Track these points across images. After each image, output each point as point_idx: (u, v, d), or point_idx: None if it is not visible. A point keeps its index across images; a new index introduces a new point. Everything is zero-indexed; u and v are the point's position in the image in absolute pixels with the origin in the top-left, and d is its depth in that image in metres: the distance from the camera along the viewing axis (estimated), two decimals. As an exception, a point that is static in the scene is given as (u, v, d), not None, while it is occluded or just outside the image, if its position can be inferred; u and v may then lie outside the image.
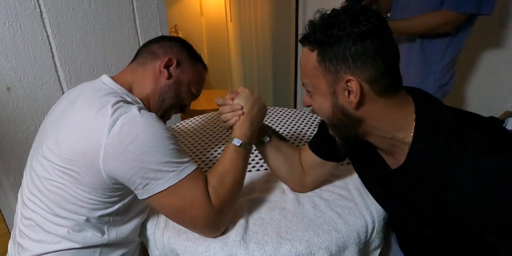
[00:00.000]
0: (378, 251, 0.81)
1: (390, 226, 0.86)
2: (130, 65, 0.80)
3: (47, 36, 1.08)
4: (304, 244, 0.69)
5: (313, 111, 0.68)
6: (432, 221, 0.65)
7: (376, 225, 0.76)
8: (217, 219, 0.66)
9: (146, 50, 0.80)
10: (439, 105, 0.63)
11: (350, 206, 0.80)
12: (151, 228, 0.76)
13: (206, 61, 3.78)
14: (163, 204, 0.64)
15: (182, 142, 1.17)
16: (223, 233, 0.72)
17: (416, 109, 0.61)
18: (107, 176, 0.62)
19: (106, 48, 1.25)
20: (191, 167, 0.65)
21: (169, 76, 0.77)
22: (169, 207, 0.64)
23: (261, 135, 0.82)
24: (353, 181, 0.89)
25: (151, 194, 0.63)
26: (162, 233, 0.74)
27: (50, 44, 1.10)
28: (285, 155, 0.84)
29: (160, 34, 1.41)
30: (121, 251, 0.73)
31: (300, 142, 1.14)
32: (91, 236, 0.66)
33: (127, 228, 0.72)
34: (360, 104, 0.59)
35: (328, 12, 0.60)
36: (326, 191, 0.86)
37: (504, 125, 1.45)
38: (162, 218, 0.77)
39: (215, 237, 0.71)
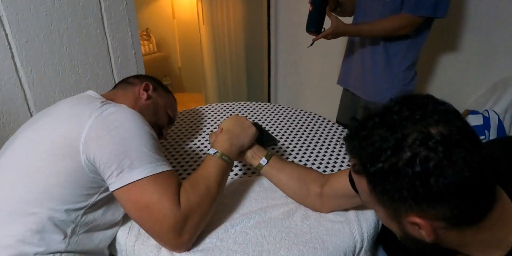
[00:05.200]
0: None
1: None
2: (110, 91, 0.88)
3: (6, 35, 1.02)
4: None
5: None
6: None
7: (365, 244, 0.73)
8: (182, 223, 0.63)
9: (123, 82, 0.91)
10: None
11: (341, 221, 0.75)
12: (123, 239, 0.72)
13: (179, 64, 3.76)
14: (131, 198, 0.62)
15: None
16: (199, 248, 0.67)
17: None
18: (85, 160, 0.61)
19: (72, 48, 1.19)
20: (167, 167, 0.65)
21: (148, 97, 0.86)
22: (136, 202, 0.62)
23: (259, 158, 0.81)
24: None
25: (124, 184, 0.61)
26: (132, 248, 0.69)
27: (9, 44, 1.03)
28: (289, 177, 0.80)
29: (129, 35, 1.37)
30: None
31: (282, 137, 1.14)
32: (50, 237, 0.61)
33: (91, 238, 0.68)
34: (435, 238, 0.46)
35: (366, 122, 0.45)
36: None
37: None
38: (133, 230, 0.73)
39: (180, 249, 0.66)
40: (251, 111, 1.38)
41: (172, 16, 3.00)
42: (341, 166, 1.01)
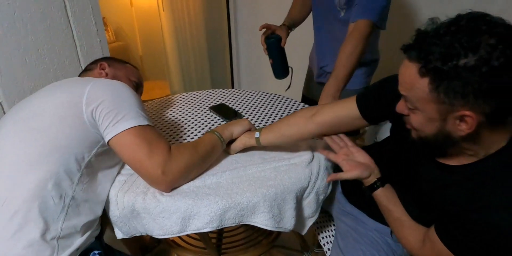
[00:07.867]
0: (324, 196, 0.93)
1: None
2: None
3: (-29, 25, 1.03)
4: (251, 202, 0.79)
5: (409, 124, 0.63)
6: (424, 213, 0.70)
7: (316, 187, 0.88)
8: (168, 162, 0.75)
9: (83, 71, 1.04)
10: None
11: (304, 171, 0.87)
12: (115, 190, 0.83)
13: (139, 53, 3.70)
14: (125, 143, 0.74)
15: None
16: (178, 193, 0.79)
17: None
18: (88, 116, 0.73)
19: (37, 37, 1.21)
20: (153, 125, 0.79)
21: (106, 74, 0.99)
22: (129, 145, 0.74)
23: (253, 136, 0.93)
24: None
25: (119, 131, 0.73)
26: (123, 196, 0.81)
27: (-26, 34, 1.04)
28: (282, 127, 0.91)
29: (93, 23, 1.40)
30: (86, 218, 0.76)
31: (252, 119, 1.25)
32: (60, 183, 0.71)
33: (92, 188, 0.79)
34: (473, 131, 0.53)
35: (441, 22, 0.52)
36: (298, 156, 0.93)
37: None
38: (127, 183, 0.84)
39: (163, 187, 0.78)
40: (219, 98, 1.48)
41: (130, 4, 2.96)
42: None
